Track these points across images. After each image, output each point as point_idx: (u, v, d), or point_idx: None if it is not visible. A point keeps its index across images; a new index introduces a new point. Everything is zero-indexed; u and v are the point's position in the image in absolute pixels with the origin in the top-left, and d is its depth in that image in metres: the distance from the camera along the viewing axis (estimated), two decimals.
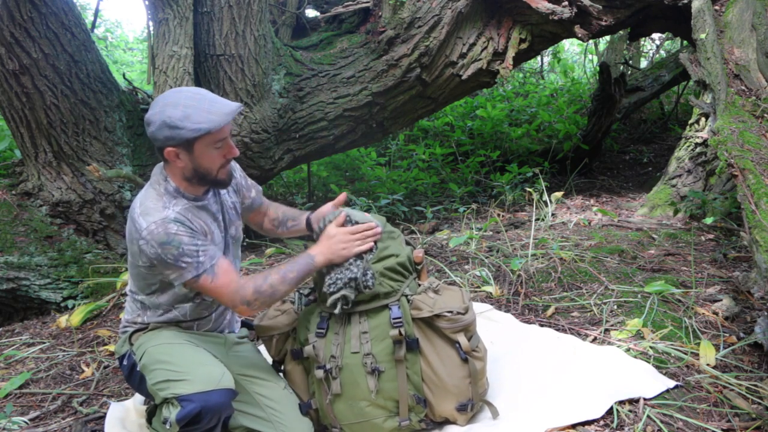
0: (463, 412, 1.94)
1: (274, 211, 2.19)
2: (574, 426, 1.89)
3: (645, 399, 1.98)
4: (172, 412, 1.65)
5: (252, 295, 1.76)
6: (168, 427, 1.66)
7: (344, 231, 1.88)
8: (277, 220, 2.18)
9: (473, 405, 1.95)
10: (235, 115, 1.73)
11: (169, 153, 1.72)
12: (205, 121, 1.66)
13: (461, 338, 1.89)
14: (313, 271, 1.85)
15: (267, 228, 2.20)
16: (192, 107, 1.66)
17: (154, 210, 1.72)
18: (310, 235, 2.08)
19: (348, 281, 1.85)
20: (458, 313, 1.88)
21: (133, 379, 1.89)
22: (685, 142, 4.42)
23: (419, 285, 1.99)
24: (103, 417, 2.22)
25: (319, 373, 1.91)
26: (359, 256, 1.89)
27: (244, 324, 2.19)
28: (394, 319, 1.88)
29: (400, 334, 1.86)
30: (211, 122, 1.67)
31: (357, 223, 1.94)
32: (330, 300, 1.87)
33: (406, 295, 1.94)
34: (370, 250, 1.90)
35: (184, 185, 1.81)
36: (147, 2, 3.67)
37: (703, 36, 3.39)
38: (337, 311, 1.88)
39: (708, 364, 2.18)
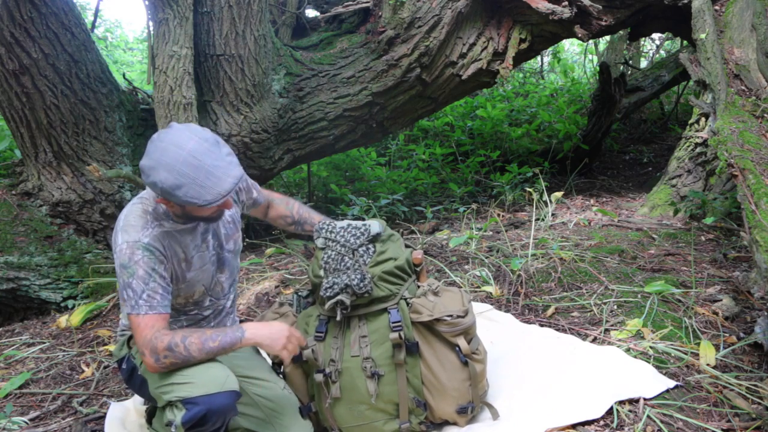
0: (463, 414, 1.94)
1: (286, 208, 2.15)
2: (574, 426, 1.89)
3: (645, 399, 1.98)
4: (177, 415, 1.65)
5: (163, 350, 1.63)
6: (173, 430, 1.66)
7: (284, 326, 1.77)
8: (290, 218, 2.15)
9: (473, 407, 1.95)
10: (233, 193, 1.64)
11: (160, 200, 1.70)
12: (198, 198, 1.59)
13: (461, 341, 1.89)
14: (239, 345, 1.71)
15: (273, 219, 2.17)
16: (186, 177, 1.57)
17: (133, 228, 1.70)
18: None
19: (344, 287, 1.85)
20: (458, 316, 1.87)
21: (134, 382, 1.88)
22: (685, 142, 4.42)
23: (418, 287, 1.99)
24: (103, 417, 2.22)
25: (319, 377, 1.90)
26: (354, 254, 1.89)
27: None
28: (393, 322, 1.88)
29: (400, 337, 1.86)
30: (203, 200, 1.60)
31: (352, 228, 1.94)
32: (328, 304, 1.87)
33: (406, 299, 1.93)
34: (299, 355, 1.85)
35: (173, 215, 1.78)
36: (147, 2, 3.67)
37: (703, 36, 3.39)
38: (338, 318, 1.88)
39: (708, 364, 2.18)
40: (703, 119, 4.31)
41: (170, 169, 1.57)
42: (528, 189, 4.29)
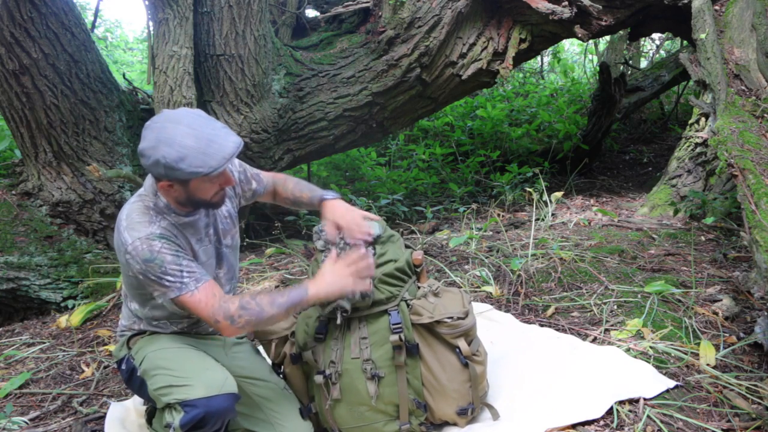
0: (463, 416, 1.94)
1: (283, 189, 2.14)
2: (574, 426, 1.89)
3: (645, 399, 1.98)
4: (175, 418, 1.64)
5: (237, 310, 1.66)
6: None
7: (338, 267, 1.78)
8: (289, 200, 2.14)
9: (473, 409, 1.95)
10: (235, 156, 1.65)
11: (162, 185, 1.69)
12: (203, 165, 1.60)
13: (461, 343, 1.89)
14: (305, 304, 1.75)
15: (281, 202, 2.17)
16: (188, 148, 1.58)
17: (140, 225, 1.68)
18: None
19: None
20: (458, 318, 1.87)
21: (133, 383, 1.88)
22: (685, 142, 4.42)
23: (419, 288, 1.98)
24: (103, 417, 2.22)
25: (319, 379, 1.90)
26: None
27: None
28: (393, 324, 1.87)
29: (400, 339, 1.86)
30: (209, 167, 1.60)
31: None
32: (328, 308, 1.87)
33: (406, 300, 1.93)
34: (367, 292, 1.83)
35: (175, 204, 1.77)
36: (147, 2, 3.67)
37: (703, 36, 3.39)
38: (338, 321, 1.88)
39: (708, 364, 2.18)
40: (703, 119, 4.31)
41: (171, 143, 1.58)
42: (528, 189, 4.29)
